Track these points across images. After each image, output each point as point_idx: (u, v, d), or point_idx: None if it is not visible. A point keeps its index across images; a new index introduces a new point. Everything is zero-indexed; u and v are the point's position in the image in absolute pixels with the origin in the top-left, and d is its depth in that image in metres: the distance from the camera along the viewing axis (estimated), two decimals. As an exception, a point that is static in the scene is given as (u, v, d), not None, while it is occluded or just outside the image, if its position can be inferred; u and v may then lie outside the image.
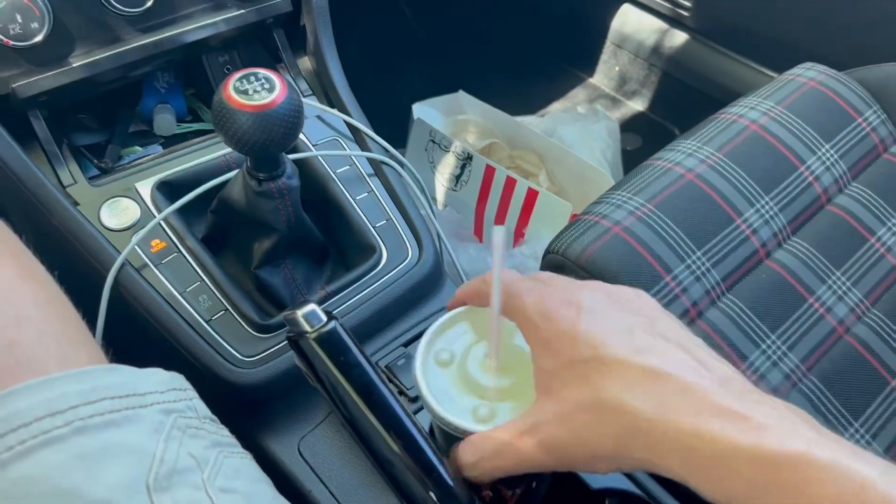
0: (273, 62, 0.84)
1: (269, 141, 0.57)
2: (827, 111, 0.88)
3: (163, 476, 0.40)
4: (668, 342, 0.40)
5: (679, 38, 1.43)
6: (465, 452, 0.45)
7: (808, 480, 0.32)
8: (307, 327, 0.51)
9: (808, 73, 0.92)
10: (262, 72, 0.58)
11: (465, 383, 0.48)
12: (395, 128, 1.30)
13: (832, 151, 0.85)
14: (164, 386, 0.45)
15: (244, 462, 0.47)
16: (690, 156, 0.82)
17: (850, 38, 1.15)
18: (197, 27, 0.75)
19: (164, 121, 0.81)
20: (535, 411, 0.42)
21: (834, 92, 0.90)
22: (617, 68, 1.58)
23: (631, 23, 1.54)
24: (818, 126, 0.86)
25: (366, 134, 0.78)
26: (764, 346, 0.72)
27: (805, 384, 0.72)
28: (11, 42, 0.65)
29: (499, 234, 0.44)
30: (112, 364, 0.45)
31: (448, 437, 0.47)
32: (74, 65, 0.70)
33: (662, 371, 0.38)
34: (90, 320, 0.49)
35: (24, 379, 0.39)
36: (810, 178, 0.83)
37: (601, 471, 0.40)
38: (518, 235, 1.15)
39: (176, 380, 0.47)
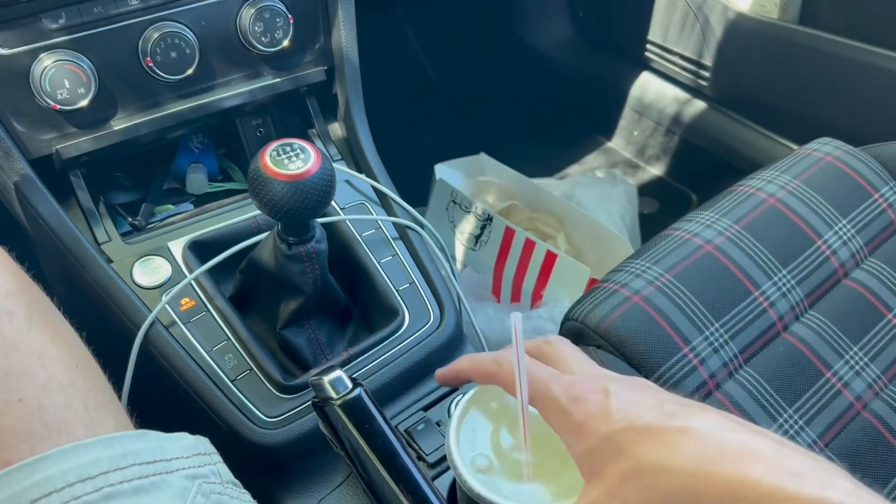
0: (304, 127, 0.87)
1: (301, 208, 0.60)
2: (844, 186, 0.90)
3: None
4: (694, 407, 0.41)
5: (698, 106, 1.46)
6: None
7: None
8: (333, 394, 0.53)
9: (825, 149, 0.94)
10: (298, 142, 0.61)
11: (503, 465, 0.47)
12: (416, 186, 1.33)
13: (849, 226, 0.87)
14: (189, 451, 0.46)
15: (266, 528, 0.48)
16: (709, 227, 0.83)
17: (867, 115, 1.17)
18: (234, 94, 0.78)
19: (197, 180, 0.84)
20: (586, 494, 0.42)
21: (850, 167, 0.91)
22: (636, 133, 1.61)
23: (651, 91, 1.57)
24: (835, 201, 0.87)
25: (392, 199, 0.80)
26: (781, 421, 0.73)
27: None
28: (59, 106, 0.69)
29: (517, 319, 0.45)
30: (140, 430, 0.46)
31: None
32: (116, 128, 0.73)
33: (697, 430, 0.39)
34: (118, 374, 0.51)
35: (54, 444, 0.40)
36: (827, 253, 0.84)
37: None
38: (536, 298, 1.16)
39: (201, 444, 0.48)
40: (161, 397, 0.66)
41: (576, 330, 0.77)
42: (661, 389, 0.45)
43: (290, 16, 0.77)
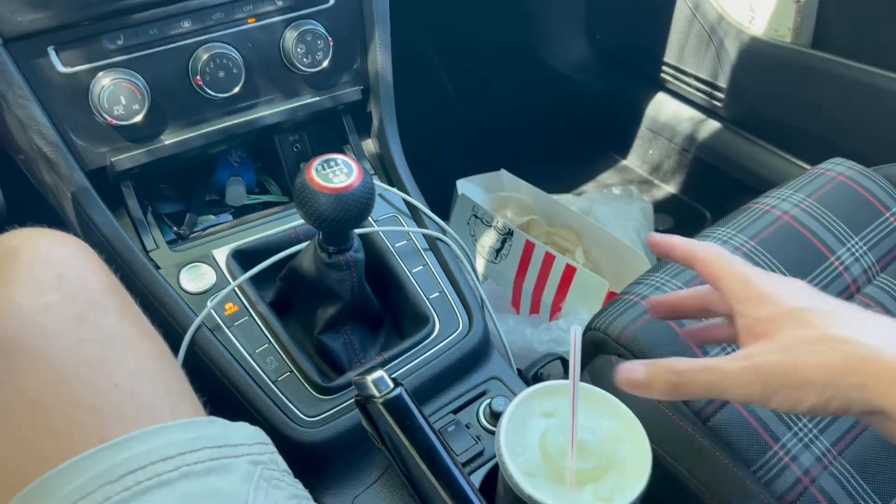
0: (339, 143, 0.91)
1: (343, 219, 0.63)
2: (856, 205, 0.93)
3: None
4: (871, 316, 0.48)
5: (712, 126, 1.50)
6: (678, 361, 0.50)
7: None
8: (375, 392, 0.56)
9: (838, 168, 0.97)
10: (341, 158, 0.65)
11: (549, 469, 0.50)
12: (438, 202, 1.37)
13: (861, 243, 0.90)
14: (251, 439, 0.50)
15: (316, 513, 0.52)
16: (725, 243, 0.87)
17: (878, 136, 1.20)
18: (276, 111, 0.82)
19: (236, 192, 0.88)
20: (747, 349, 0.48)
21: (862, 187, 0.95)
22: (651, 152, 1.65)
23: (666, 111, 1.61)
24: (847, 219, 0.91)
25: (423, 212, 0.84)
26: (795, 429, 0.75)
27: (834, 467, 0.75)
28: (115, 121, 0.73)
29: (577, 332, 0.49)
30: (209, 417, 0.50)
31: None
32: (166, 142, 0.77)
33: (879, 318, 0.46)
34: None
35: (143, 426, 0.44)
36: (840, 269, 0.87)
37: (806, 402, 0.45)
38: (555, 310, 1.20)
39: (260, 434, 0.52)
40: (206, 397, 0.70)
41: (598, 340, 0.80)
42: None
43: (330, 39, 0.82)
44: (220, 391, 0.70)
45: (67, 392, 0.44)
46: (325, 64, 0.82)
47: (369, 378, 0.56)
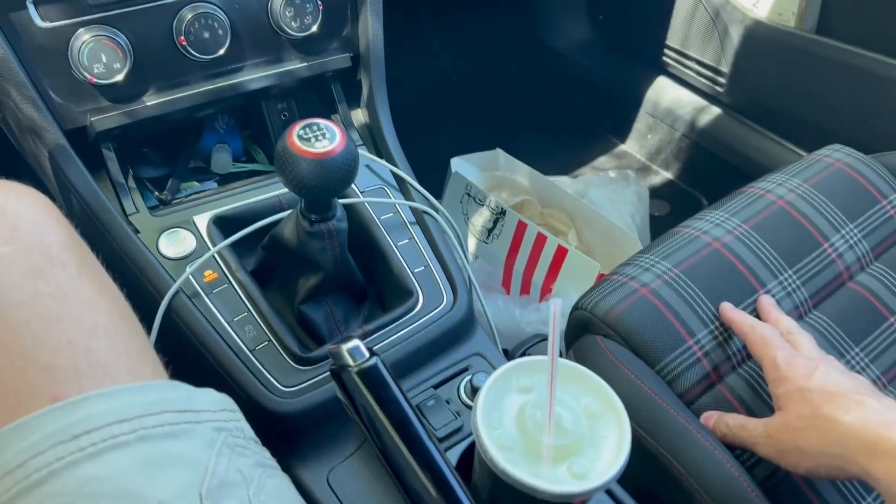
0: (328, 112, 0.89)
1: (325, 185, 0.62)
2: (852, 192, 0.91)
3: (214, 487, 0.43)
4: (869, 392, 0.60)
5: (713, 112, 1.48)
6: (729, 418, 0.68)
7: None
8: (350, 361, 0.55)
9: (836, 155, 0.96)
10: (324, 122, 0.63)
11: (526, 444, 0.49)
12: (432, 179, 1.35)
13: (856, 231, 0.88)
14: (216, 406, 0.49)
15: (284, 484, 0.50)
16: (718, 226, 0.85)
17: (878, 124, 1.19)
18: (261, 76, 0.80)
19: (222, 159, 0.87)
20: (770, 421, 0.63)
21: (860, 174, 0.93)
22: (650, 136, 1.63)
23: (667, 95, 1.59)
24: (843, 206, 0.89)
25: (410, 184, 0.83)
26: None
27: None
28: (95, 80, 0.71)
29: (557, 305, 0.48)
30: (173, 381, 0.48)
31: (502, 487, 0.49)
32: (148, 103, 0.76)
33: (868, 403, 0.56)
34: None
35: (98, 384, 0.43)
36: (833, 255, 0.86)
37: (803, 465, 0.59)
38: (545, 290, 1.19)
39: (227, 401, 0.51)
40: (182, 364, 0.68)
41: (584, 319, 0.79)
42: (863, 380, 0.63)
43: (319, 3, 0.80)
44: (196, 359, 0.69)
45: (18, 347, 0.43)
46: (314, 29, 0.81)
47: (344, 347, 0.55)
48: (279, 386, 0.67)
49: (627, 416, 0.50)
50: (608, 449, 0.49)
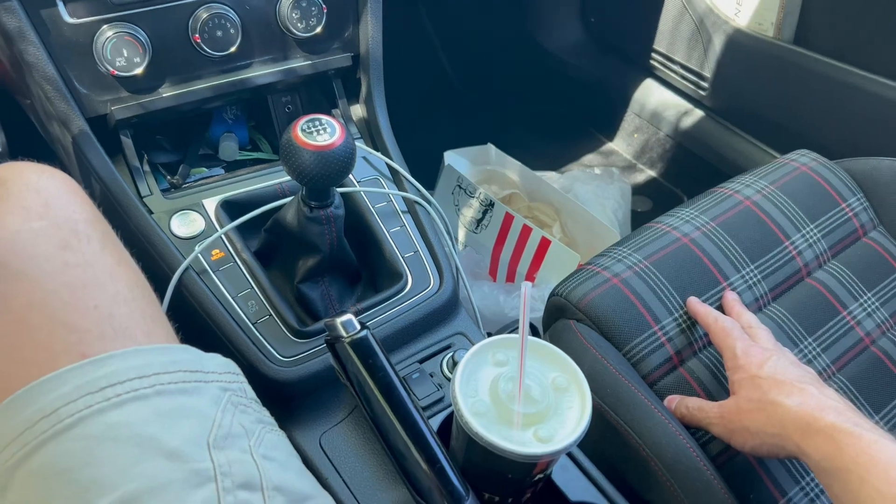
0: (329, 107, 0.96)
1: (325, 175, 0.68)
2: (815, 194, 0.98)
3: (220, 437, 0.49)
4: (819, 383, 0.68)
5: (696, 115, 1.54)
6: (689, 401, 0.74)
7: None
8: (343, 333, 0.61)
9: (802, 159, 1.03)
10: (325, 118, 0.70)
11: (498, 411, 0.55)
12: (426, 171, 1.42)
13: (816, 231, 0.95)
14: (222, 368, 0.55)
15: (280, 438, 0.57)
16: (688, 222, 0.92)
17: (846, 131, 1.25)
18: (269, 72, 0.87)
19: (229, 148, 0.93)
20: (724, 404, 0.70)
21: (823, 178, 1.00)
22: (636, 136, 1.69)
23: (653, 97, 1.65)
24: (805, 207, 0.96)
25: (404, 176, 0.89)
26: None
27: None
28: (116, 72, 0.77)
29: (527, 288, 0.54)
30: (185, 345, 0.55)
31: (475, 449, 0.55)
32: (163, 95, 0.82)
33: (809, 390, 0.64)
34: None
35: (119, 345, 0.49)
36: (793, 253, 0.93)
37: (749, 444, 0.66)
38: (529, 279, 1.25)
39: (231, 365, 0.57)
40: (191, 334, 0.75)
41: (559, 305, 0.86)
42: (811, 371, 0.71)
43: (324, 6, 0.86)
44: (203, 330, 0.75)
45: (51, 311, 0.49)
46: (318, 30, 0.87)
47: (339, 320, 0.61)
48: (278, 356, 0.73)
49: (590, 391, 0.57)
50: (571, 418, 0.55)
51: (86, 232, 0.54)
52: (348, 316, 0.62)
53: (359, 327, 0.62)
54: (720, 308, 0.85)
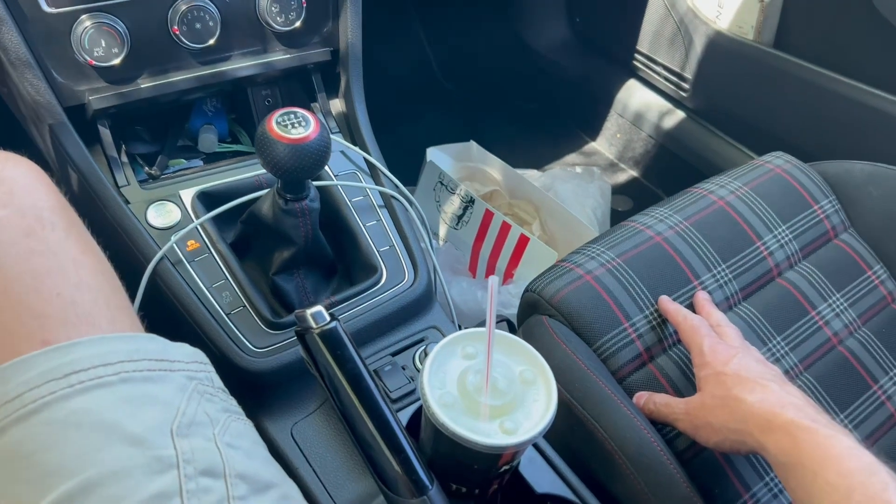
0: (308, 101, 0.96)
1: (299, 168, 0.69)
2: (787, 196, 0.99)
3: (184, 425, 0.50)
4: (781, 379, 0.69)
5: (677, 116, 1.56)
6: (657, 397, 0.76)
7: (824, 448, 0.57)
8: (313, 324, 0.62)
9: (776, 161, 1.04)
10: (300, 111, 0.70)
11: (465, 403, 0.56)
12: (409, 166, 1.43)
13: (787, 232, 0.97)
14: (189, 358, 0.56)
15: (247, 427, 0.57)
16: (661, 221, 0.93)
17: (821, 134, 1.27)
18: (248, 65, 0.87)
19: (208, 140, 0.93)
20: (690, 399, 0.71)
21: (796, 180, 1.01)
22: (618, 136, 1.71)
23: (636, 98, 1.67)
24: (777, 208, 0.97)
25: (381, 171, 0.90)
26: (704, 393, 0.83)
27: None
28: (94, 62, 0.78)
29: (494, 283, 0.55)
30: (151, 334, 0.55)
31: (442, 440, 0.56)
32: (142, 86, 0.82)
33: (771, 387, 0.65)
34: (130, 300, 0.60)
35: (84, 332, 0.49)
36: (765, 253, 0.94)
37: (713, 439, 0.68)
38: (507, 275, 1.26)
39: (199, 355, 0.57)
40: (164, 323, 0.75)
41: (532, 300, 0.87)
42: (775, 369, 0.72)
43: (303, 0, 0.86)
44: (177, 320, 0.76)
45: (15, 296, 0.49)
46: (298, 24, 0.87)
47: (309, 311, 0.62)
48: (251, 346, 0.74)
49: (556, 384, 0.58)
50: (537, 411, 0.56)
51: (50, 220, 0.54)
52: (318, 307, 0.63)
53: (328, 318, 0.62)
54: (691, 306, 0.86)
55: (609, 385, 0.75)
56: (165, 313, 0.76)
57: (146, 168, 0.88)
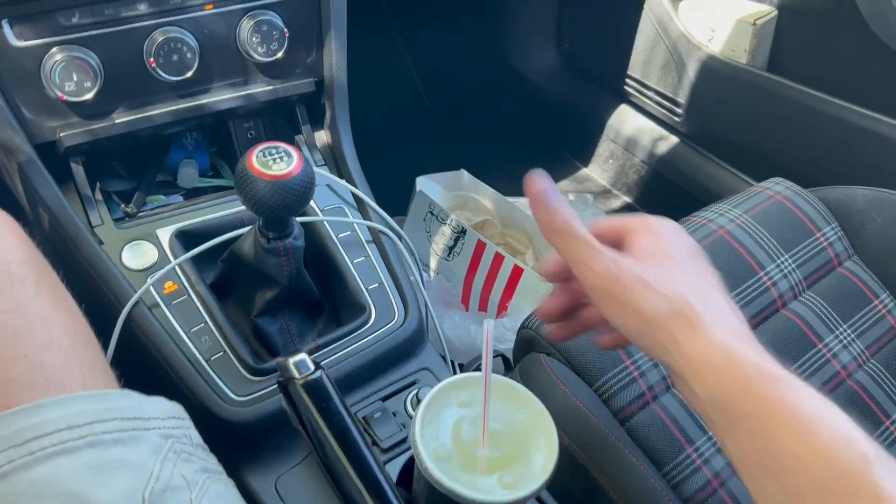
0: (292, 133, 0.93)
1: (282, 206, 0.65)
2: (789, 224, 0.96)
3: (157, 492, 0.46)
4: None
5: (670, 141, 1.54)
6: (579, 225, 0.52)
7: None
8: (296, 374, 0.58)
9: (776, 188, 1.01)
10: (283, 146, 0.67)
11: (461, 456, 0.52)
12: (398, 195, 1.39)
13: (790, 261, 0.93)
14: (165, 413, 0.52)
15: (228, 488, 0.53)
16: (660, 252, 0.90)
17: (820, 159, 1.25)
18: (229, 98, 0.84)
19: (188, 174, 0.90)
20: (627, 255, 0.51)
21: (797, 207, 0.99)
22: (611, 162, 1.68)
23: (628, 123, 1.65)
24: (779, 237, 0.94)
25: (369, 205, 0.86)
26: (710, 434, 0.79)
27: None
28: (66, 97, 0.74)
29: (490, 326, 0.52)
30: (124, 389, 0.51)
31: (436, 496, 0.52)
32: (117, 121, 0.79)
33: (708, 289, 0.51)
34: (102, 347, 0.56)
35: (50, 395, 0.46)
36: (768, 283, 0.91)
37: (630, 326, 0.49)
38: (501, 308, 1.23)
39: (176, 409, 0.54)
40: (140, 372, 0.71)
41: (529, 338, 0.83)
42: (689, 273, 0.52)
43: (286, 30, 0.83)
44: (153, 368, 0.72)
45: None
46: (280, 55, 0.84)
47: (291, 360, 0.58)
48: (232, 395, 0.70)
49: (558, 430, 0.54)
50: (537, 462, 0.53)
51: (19, 274, 0.51)
52: (301, 355, 0.59)
53: (313, 367, 0.59)
54: None
55: (612, 429, 0.71)
56: (141, 361, 0.72)
57: (122, 206, 0.84)
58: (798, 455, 0.40)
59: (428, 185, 1.38)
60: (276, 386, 0.71)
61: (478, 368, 0.86)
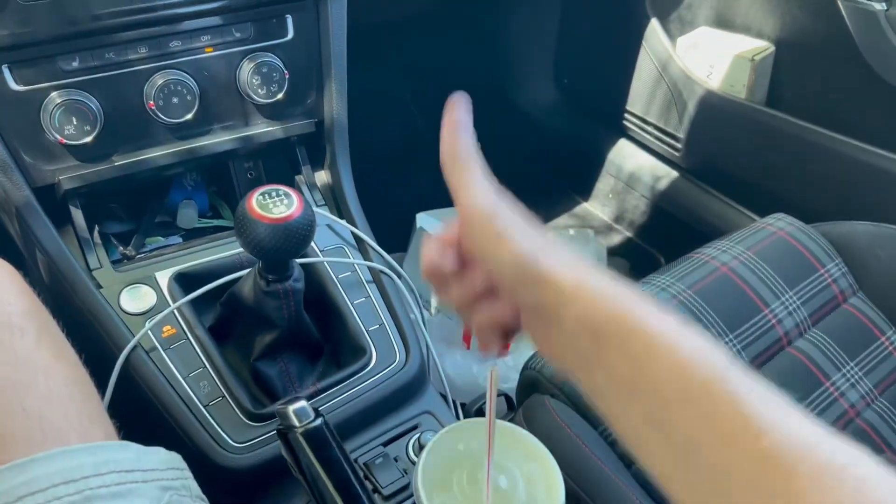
0: (292, 173, 0.93)
1: (281, 249, 0.65)
2: (793, 260, 0.96)
3: None
4: None
5: (671, 175, 1.54)
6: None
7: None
8: (296, 422, 0.57)
9: (779, 224, 1.01)
10: (283, 189, 0.66)
11: None
12: (398, 231, 1.39)
13: (795, 298, 0.93)
14: (164, 465, 0.51)
15: (226, 540, 0.52)
16: (663, 290, 0.89)
17: (821, 194, 1.25)
18: (228, 139, 0.84)
19: (187, 215, 0.90)
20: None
21: (800, 243, 0.98)
22: (611, 197, 1.68)
23: (628, 158, 1.65)
24: (783, 273, 0.94)
25: (369, 245, 0.86)
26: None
27: None
28: (65, 141, 0.74)
29: (493, 373, 0.51)
30: (123, 441, 0.50)
31: None
32: (116, 163, 0.79)
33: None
34: (99, 392, 0.55)
35: (49, 449, 0.45)
36: (773, 321, 0.90)
37: (500, 253, 0.43)
38: (504, 346, 1.21)
39: (175, 460, 0.52)
40: (137, 417, 0.70)
41: (532, 379, 0.82)
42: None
43: (286, 72, 0.83)
44: (150, 413, 0.70)
45: None
46: (280, 96, 0.84)
47: (291, 407, 0.57)
48: (231, 441, 0.69)
49: (563, 483, 0.53)
50: None
51: (20, 325, 0.50)
52: (301, 403, 0.58)
53: (313, 415, 0.57)
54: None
55: (619, 474, 0.70)
56: (139, 407, 0.70)
57: (121, 248, 0.83)
58: (665, 369, 0.38)
59: (428, 221, 1.37)
60: (274, 432, 0.70)
61: (480, 409, 0.85)
